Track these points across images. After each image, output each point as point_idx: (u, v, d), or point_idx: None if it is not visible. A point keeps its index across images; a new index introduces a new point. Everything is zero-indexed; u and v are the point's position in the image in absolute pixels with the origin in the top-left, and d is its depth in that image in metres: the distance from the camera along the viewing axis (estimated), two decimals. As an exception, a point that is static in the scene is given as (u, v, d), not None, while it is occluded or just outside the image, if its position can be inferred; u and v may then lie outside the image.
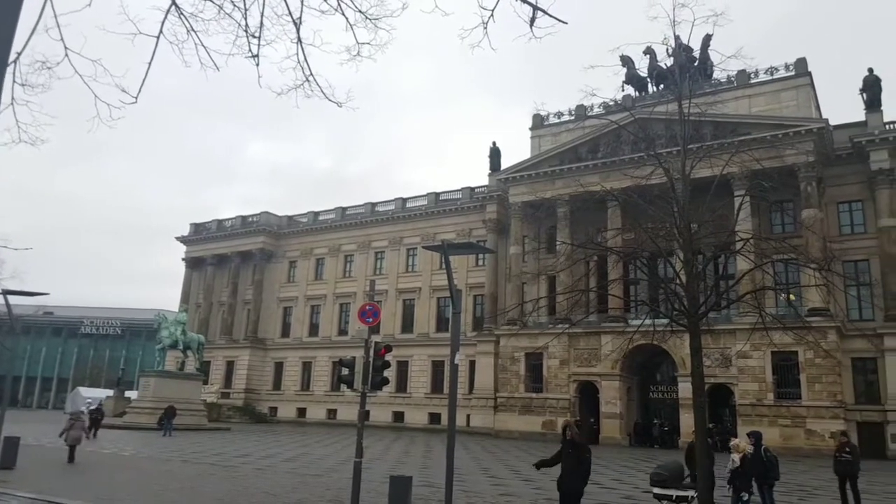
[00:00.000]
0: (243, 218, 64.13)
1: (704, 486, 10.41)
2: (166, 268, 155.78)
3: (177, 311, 50.89)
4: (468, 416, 44.13)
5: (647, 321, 15.10)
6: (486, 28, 5.65)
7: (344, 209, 60.56)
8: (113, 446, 26.07)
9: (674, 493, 10.93)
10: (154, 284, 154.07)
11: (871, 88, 38.26)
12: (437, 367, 49.35)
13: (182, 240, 66.61)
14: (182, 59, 6.19)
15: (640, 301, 24.27)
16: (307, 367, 57.64)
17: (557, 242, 39.05)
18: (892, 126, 37.58)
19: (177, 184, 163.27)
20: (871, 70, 38.52)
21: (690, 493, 11.06)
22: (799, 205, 35.88)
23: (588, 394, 40.47)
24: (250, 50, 6.28)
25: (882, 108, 37.86)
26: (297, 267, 61.45)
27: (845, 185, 38.39)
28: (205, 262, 64.49)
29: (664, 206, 13.09)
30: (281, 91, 6.65)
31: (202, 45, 6.11)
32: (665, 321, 13.66)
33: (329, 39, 6.81)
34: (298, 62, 6.29)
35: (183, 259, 66.48)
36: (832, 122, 37.82)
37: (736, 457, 11.64)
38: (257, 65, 6.36)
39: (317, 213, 62.40)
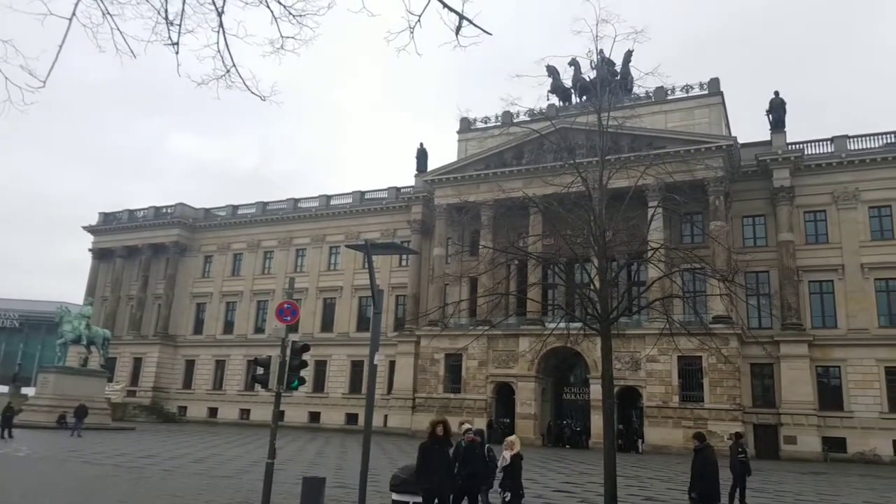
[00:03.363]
0: (157, 209, 61.57)
1: (610, 487, 10.77)
2: (72, 259, 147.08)
3: (81, 304, 48.28)
4: (386, 417, 44.04)
5: (563, 324, 15.57)
6: (412, 33, 5.69)
7: (265, 204, 59.14)
8: (6, 446, 24.50)
9: (410, 499, 9.72)
10: (57, 276, 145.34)
11: (777, 110, 40.69)
12: (357, 367, 48.96)
13: (90, 229, 63.27)
14: (96, 43, 5.92)
15: (556, 305, 24.93)
16: (220, 365, 55.92)
17: (480, 246, 39.56)
18: (794, 146, 40.18)
19: (91, 176, 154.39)
20: (777, 93, 41.00)
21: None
22: (707, 217, 37.75)
23: (505, 394, 41.18)
24: (170, 37, 6.07)
25: (786, 129, 40.38)
26: (212, 262, 59.51)
27: (750, 201, 40.71)
28: (114, 253, 61.52)
29: (582, 213, 13.51)
30: (201, 81, 6.46)
31: (118, 29, 5.85)
32: (579, 325, 14.11)
33: (253, 31, 6.68)
34: (220, 52, 6.14)
35: (90, 250, 63.18)
36: (740, 141, 40.02)
37: (507, 454, 10.65)
38: (177, 53, 6.15)
39: (236, 207, 60.67)
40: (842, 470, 29.25)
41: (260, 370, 12.19)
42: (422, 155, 50.62)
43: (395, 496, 9.88)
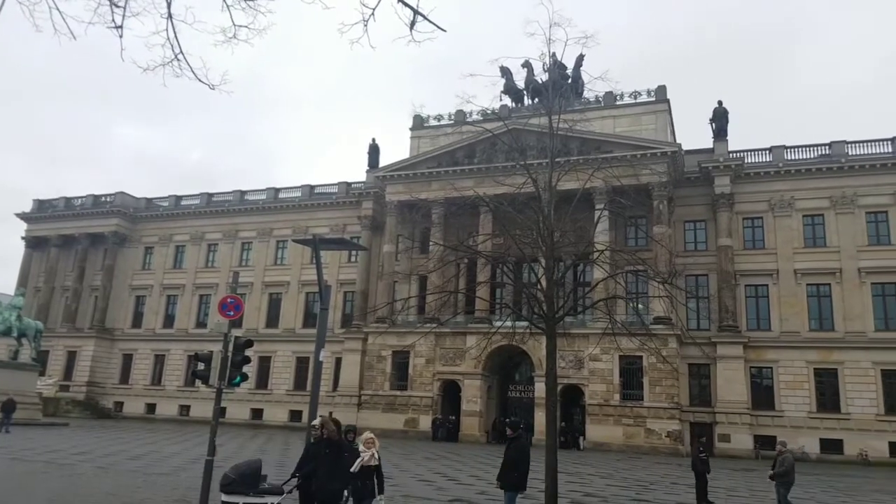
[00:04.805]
0: (95, 197, 59.35)
1: (551, 483, 10.92)
2: (3, 248, 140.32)
3: (12, 294, 46.22)
4: (330, 414, 43.06)
5: (509, 323, 15.75)
6: (366, 26, 5.66)
7: (210, 195, 57.69)
8: (-75, 443, 23.28)
9: (241, 499, 9.06)
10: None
11: (720, 119, 42.04)
12: (302, 363, 48.30)
13: (23, 217, 60.60)
14: (33, 22, 5.68)
15: (504, 304, 25.18)
16: (160, 360, 54.38)
17: (430, 244, 39.60)
18: (734, 155, 41.59)
19: (28, 162, 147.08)
20: (720, 102, 42.36)
21: (270, 499, 9.18)
22: (651, 221, 38.73)
23: (451, 392, 41.36)
24: (113, 20, 5.86)
25: (728, 137, 41.77)
26: (153, 253, 57.78)
27: (692, 206, 41.96)
28: (49, 242, 59.07)
29: (531, 214, 13.68)
30: (147, 67, 6.27)
31: (56, 8, 5.63)
32: (525, 324, 14.29)
33: (203, 18, 6.51)
34: (168, 38, 5.97)
35: (23, 238, 60.51)
36: (684, 147, 41.17)
37: (375, 453, 9.77)
38: (121, 37, 5.95)
39: (179, 198, 58.96)
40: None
41: (200, 365, 11.93)
42: (374, 150, 50.32)
43: (223, 497, 9.20)
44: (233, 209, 55.29)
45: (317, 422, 10.11)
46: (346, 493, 9.45)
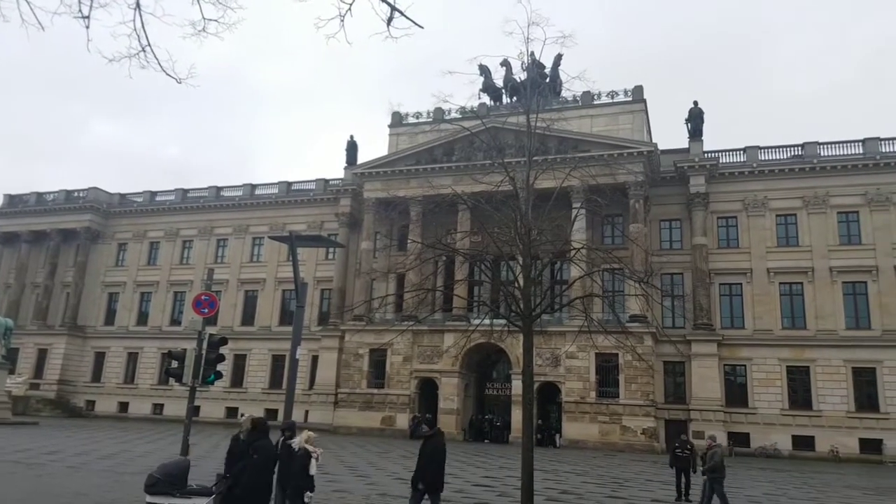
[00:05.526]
0: (68, 192, 58.31)
1: (527, 480, 10.96)
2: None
3: (-20, 291, 45.32)
4: (307, 412, 43.37)
5: (487, 321, 15.76)
6: (342, 21, 5.60)
7: (185, 191, 56.99)
8: None
9: (166, 500, 8.72)
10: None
11: (695, 120, 42.47)
12: (278, 361, 47.94)
13: (-8, 212, 59.40)
14: (0, 12, 5.53)
15: (481, 301, 25.20)
16: (133, 358, 53.60)
17: (408, 241, 39.53)
18: (709, 154, 42.07)
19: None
20: (696, 103, 42.79)
21: (197, 500, 8.76)
22: (627, 220, 39.04)
23: (428, 390, 41.33)
24: (80, 10, 5.73)
25: (703, 137, 42.23)
26: (127, 250, 56.90)
27: (668, 205, 42.36)
28: (19, 238, 57.94)
29: (509, 212, 13.70)
30: (112, 58, 6.13)
31: (24, -2, 5.49)
32: (503, 321, 14.31)
33: (172, 11, 6.39)
34: (135, 29, 5.84)
35: (-8, 233, 59.33)
36: (660, 147, 41.54)
37: (319, 452, 9.34)
38: (87, 27, 5.81)
39: (154, 193, 58.16)
40: (745, 464, 30.91)
41: (174, 363, 11.78)
42: (352, 147, 50.05)
43: (148, 498, 8.80)
44: (208, 205, 54.67)
45: (244, 419, 9.84)
46: (307, 495, 9.29)
